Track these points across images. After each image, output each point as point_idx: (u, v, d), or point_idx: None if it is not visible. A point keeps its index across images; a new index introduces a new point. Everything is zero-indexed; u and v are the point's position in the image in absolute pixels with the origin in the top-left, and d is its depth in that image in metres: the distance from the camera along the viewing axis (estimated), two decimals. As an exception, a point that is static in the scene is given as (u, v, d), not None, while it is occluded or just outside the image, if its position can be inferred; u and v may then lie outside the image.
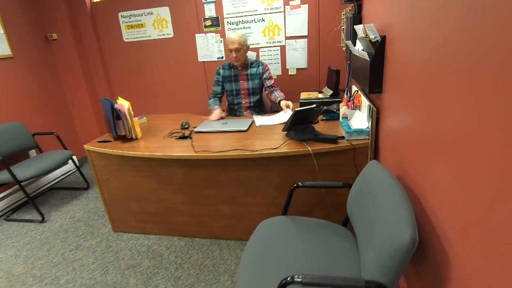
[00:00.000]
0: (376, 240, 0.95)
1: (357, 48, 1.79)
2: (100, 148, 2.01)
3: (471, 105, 0.70)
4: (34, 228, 2.57)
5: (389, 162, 1.43)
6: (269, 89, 2.57)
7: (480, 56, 0.66)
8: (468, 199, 0.71)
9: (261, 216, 1.97)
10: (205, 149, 1.79)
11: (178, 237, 2.24)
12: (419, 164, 1.05)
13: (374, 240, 0.97)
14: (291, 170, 1.77)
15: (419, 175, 1.06)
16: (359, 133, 1.65)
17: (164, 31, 3.18)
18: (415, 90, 1.08)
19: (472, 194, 0.69)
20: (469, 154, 0.70)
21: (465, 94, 0.73)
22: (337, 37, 2.80)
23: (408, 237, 0.82)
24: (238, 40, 2.35)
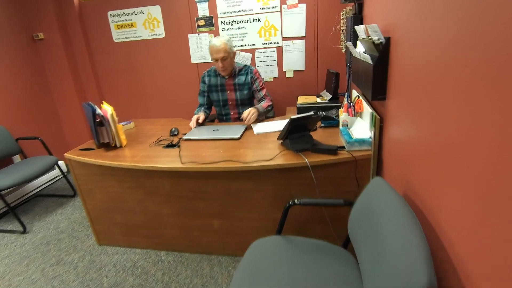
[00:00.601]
0: (384, 278, 0.81)
1: (358, 51, 1.65)
2: (80, 157, 1.86)
3: (490, 115, 0.56)
4: (15, 239, 2.42)
5: (395, 177, 1.29)
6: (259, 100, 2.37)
7: (503, 59, 0.52)
8: (495, 229, 0.57)
9: (254, 231, 1.83)
10: (193, 159, 1.64)
11: (166, 252, 2.09)
12: (430, 182, 0.91)
13: (381, 277, 0.83)
14: (286, 183, 1.63)
15: (431, 196, 0.92)
16: (361, 143, 1.51)
17: (156, 31, 3.03)
18: (424, 97, 0.94)
19: (501, 222, 0.55)
20: (492, 172, 0.56)
21: (484, 102, 0.59)
22: (336, 38, 2.66)
23: (423, 281, 0.68)
24: (223, 48, 2.10)
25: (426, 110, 0.93)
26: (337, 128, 1.87)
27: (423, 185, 0.98)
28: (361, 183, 1.56)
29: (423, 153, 0.96)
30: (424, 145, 0.96)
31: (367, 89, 1.51)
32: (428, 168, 0.93)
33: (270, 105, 2.31)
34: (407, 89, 1.11)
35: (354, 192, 1.59)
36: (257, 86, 2.32)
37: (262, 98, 2.33)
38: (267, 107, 2.27)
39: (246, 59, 2.95)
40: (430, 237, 0.90)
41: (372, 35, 1.43)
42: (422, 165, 0.97)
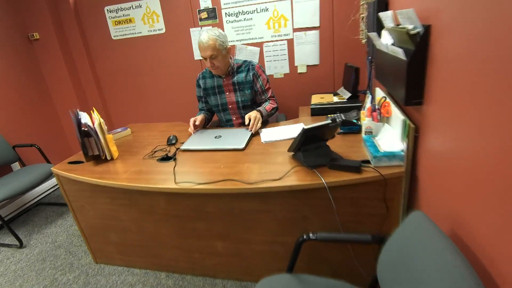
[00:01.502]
0: None
1: (385, 43, 1.35)
2: (66, 172, 1.66)
3: None
4: (11, 255, 2.28)
5: (437, 205, 1.01)
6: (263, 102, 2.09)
7: None
8: None
9: (263, 255, 1.59)
10: (189, 177, 1.40)
11: (167, 274, 1.89)
12: (494, 221, 0.64)
13: None
14: (299, 204, 1.37)
15: (495, 242, 0.64)
16: (390, 158, 1.23)
17: (155, 26, 2.80)
18: (487, 103, 0.66)
19: None
20: None
21: None
22: (355, 27, 2.34)
23: None
24: (212, 45, 1.81)
25: (489, 120, 0.65)
26: (360, 136, 1.59)
27: (482, 224, 0.71)
28: (391, 206, 1.28)
29: (485, 178, 0.68)
30: (485, 167, 0.68)
31: (397, 90, 1.22)
32: (492, 200, 0.65)
33: (275, 108, 2.04)
34: (455, 92, 0.83)
35: (382, 216, 1.32)
36: (261, 86, 2.03)
37: (266, 100, 2.06)
38: (270, 110, 1.99)
39: (254, 54, 2.68)
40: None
41: (405, 23, 1.13)
42: (482, 195, 0.70)
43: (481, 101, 0.69)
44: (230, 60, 2.00)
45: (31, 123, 2.97)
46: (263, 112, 1.91)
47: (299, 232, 1.45)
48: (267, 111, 1.95)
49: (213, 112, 2.23)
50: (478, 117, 0.71)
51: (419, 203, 1.20)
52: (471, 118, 0.75)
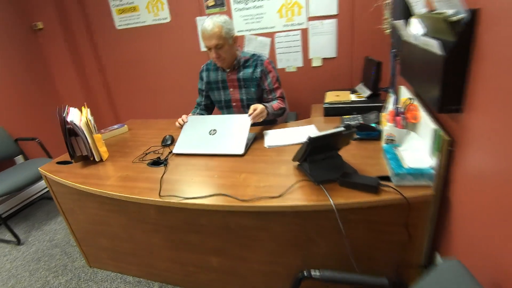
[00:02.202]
0: None
1: (413, 32, 1.11)
2: (52, 174, 1.53)
3: None
4: (8, 252, 2.22)
5: (477, 246, 0.78)
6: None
7: None
8: None
9: (262, 275, 1.41)
10: (178, 185, 1.23)
11: (160, 284, 1.75)
12: None
13: None
14: (304, 224, 1.17)
15: None
16: (416, 176, 0.99)
17: (160, 15, 2.61)
18: None
19: None
20: None
21: None
22: (378, 15, 2.06)
23: None
24: (217, 33, 1.61)
25: None
26: (379, 143, 1.35)
27: None
28: (414, 233, 1.06)
29: None
30: None
31: (429, 92, 0.98)
32: None
33: (283, 108, 1.80)
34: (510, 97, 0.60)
35: (402, 244, 1.10)
36: (269, 84, 1.81)
37: (273, 99, 1.83)
38: (278, 109, 1.77)
39: (264, 45, 2.45)
40: None
41: (442, 8, 0.89)
42: None
43: None
44: (237, 52, 1.79)
45: (34, 115, 2.88)
46: (269, 108, 1.68)
47: (302, 255, 1.26)
48: (274, 109, 1.74)
49: (211, 109, 2.05)
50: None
51: (451, 235, 0.97)
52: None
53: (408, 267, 1.15)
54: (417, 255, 1.11)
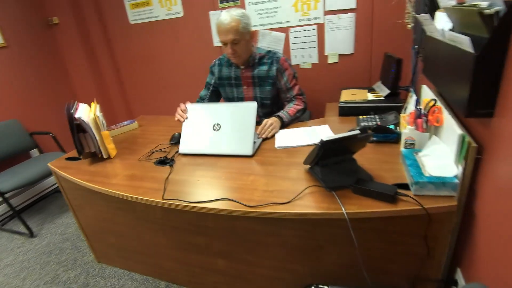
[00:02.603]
0: None
1: (440, 27, 1.01)
2: (60, 170, 1.52)
3: None
4: (21, 244, 2.26)
5: (508, 269, 0.69)
6: (288, 101, 1.79)
7: None
8: None
9: (268, 280, 1.36)
10: (182, 187, 1.19)
11: (166, 284, 1.73)
12: None
13: None
14: (313, 231, 1.10)
15: None
16: (438, 185, 0.91)
17: (173, 9, 2.58)
18: None
19: None
20: None
21: None
22: (400, 9, 1.94)
23: None
24: (234, 27, 1.54)
25: None
26: (397, 146, 1.26)
27: None
28: (433, 247, 0.98)
29: None
30: None
31: (455, 94, 0.90)
32: None
33: (301, 109, 1.72)
34: None
35: (420, 257, 1.01)
36: (285, 83, 1.73)
37: (292, 99, 1.75)
38: (295, 114, 1.69)
39: (278, 41, 2.37)
40: None
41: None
42: None
43: None
44: (252, 49, 1.72)
45: (48, 110, 2.92)
46: (284, 118, 1.62)
47: (312, 262, 1.20)
48: (290, 116, 1.66)
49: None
50: None
51: (475, 251, 0.89)
52: None
53: (426, 282, 1.07)
54: (436, 270, 1.03)
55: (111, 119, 2.71)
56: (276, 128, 1.56)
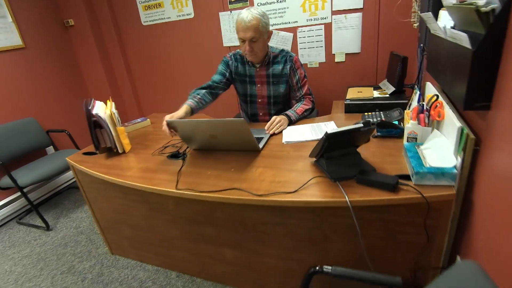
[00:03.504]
0: None
1: (443, 25, 1.05)
2: (78, 164, 1.60)
3: None
4: (38, 237, 2.36)
5: (501, 253, 0.73)
6: (297, 100, 1.83)
7: None
8: None
9: (275, 270, 1.41)
10: (194, 178, 1.25)
11: (177, 274, 1.79)
12: None
13: None
14: (319, 220, 1.16)
15: None
16: (437, 175, 0.95)
17: (184, 11, 2.66)
18: None
19: None
20: None
21: None
22: (406, 9, 1.98)
23: None
24: (255, 25, 1.56)
25: None
26: (400, 141, 1.30)
27: None
28: (433, 235, 1.02)
29: None
30: None
31: (456, 89, 0.94)
32: None
33: (309, 109, 1.77)
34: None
35: (421, 246, 1.06)
36: (297, 81, 1.77)
37: (301, 98, 1.80)
38: (302, 113, 1.73)
39: (286, 40, 2.43)
40: None
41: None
42: None
43: None
44: (268, 48, 1.77)
45: (64, 108, 3.04)
46: (292, 117, 1.67)
47: (317, 251, 1.25)
48: (298, 114, 1.71)
49: (217, 95, 1.87)
50: None
51: (472, 237, 0.93)
52: None
53: (427, 269, 1.11)
54: (436, 257, 1.07)
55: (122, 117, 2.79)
56: (283, 125, 1.61)
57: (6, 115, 2.58)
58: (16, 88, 2.65)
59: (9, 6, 2.54)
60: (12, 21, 2.57)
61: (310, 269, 0.89)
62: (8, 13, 2.54)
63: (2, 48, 2.52)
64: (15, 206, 2.63)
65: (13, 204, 2.62)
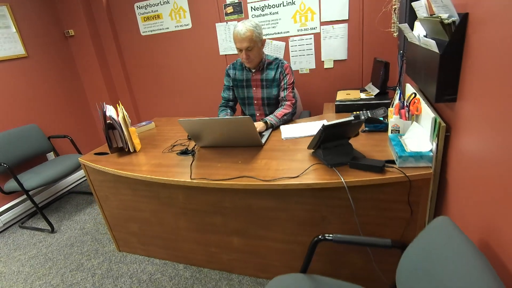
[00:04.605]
0: None
1: (417, 34, 1.25)
2: (92, 163, 1.72)
3: None
4: (43, 239, 2.42)
5: (468, 214, 0.91)
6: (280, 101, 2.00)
7: None
8: None
9: (279, 254, 1.56)
10: (205, 172, 1.40)
11: (184, 265, 1.91)
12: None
13: None
14: (318, 203, 1.32)
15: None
16: (417, 158, 1.14)
17: (182, 22, 2.82)
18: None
19: None
20: None
21: None
22: (386, 19, 2.22)
23: None
24: (249, 36, 1.76)
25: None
26: (386, 134, 1.49)
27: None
28: (416, 210, 1.20)
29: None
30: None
31: (429, 86, 1.13)
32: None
33: (288, 113, 1.91)
34: (498, 89, 0.74)
35: (406, 220, 1.23)
36: (284, 84, 1.95)
37: (283, 98, 1.96)
38: (282, 117, 1.88)
39: (279, 49, 2.63)
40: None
41: (439, 12, 1.04)
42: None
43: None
44: (262, 55, 1.96)
45: (65, 115, 3.13)
46: (271, 121, 1.83)
47: (317, 233, 1.41)
48: (278, 118, 1.87)
49: (235, 104, 2.17)
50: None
51: (447, 208, 1.11)
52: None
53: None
54: (420, 230, 1.24)
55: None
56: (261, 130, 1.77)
57: (9, 121, 2.66)
58: (19, 96, 2.74)
59: (12, 17, 2.64)
60: (15, 31, 2.67)
61: (314, 238, 1.04)
62: (12, 23, 2.64)
63: (6, 57, 2.62)
64: (17, 211, 2.68)
65: (15, 209, 2.67)
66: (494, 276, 0.61)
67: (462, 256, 0.69)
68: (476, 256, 0.66)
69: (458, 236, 0.74)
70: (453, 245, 0.73)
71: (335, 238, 0.99)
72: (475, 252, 0.68)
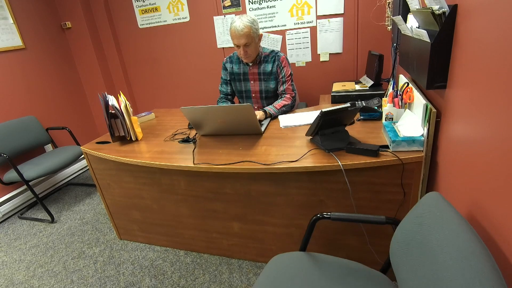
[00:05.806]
0: None
1: (410, 26, 1.32)
2: (94, 151, 1.76)
3: None
4: (43, 229, 2.45)
5: (456, 191, 0.99)
6: (280, 94, 2.04)
7: None
8: None
9: (278, 238, 1.62)
10: (207, 158, 1.45)
11: (185, 252, 1.97)
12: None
13: None
14: (315, 187, 1.38)
15: None
16: (409, 142, 1.21)
17: (180, 15, 2.85)
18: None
19: None
20: None
21: None
22: (380, 14, 2.28)
23: None
24: (246, 32, 1.78)
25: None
26: (380, 122, 1.56)
27: (501, 207, 0.69)
28: (408, 191, 1.27)
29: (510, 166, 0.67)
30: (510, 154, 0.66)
31: (420, 74, 1.20)
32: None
33: (288, 105, 1.96)
34: (481, 75, 0.80)
35: (399, 202, 1.30)
36: (282, 77, 1.99)
37: (282, 92, 2.01)
38: (281, 108, 1.93)
39: (276, 42, 2.68)
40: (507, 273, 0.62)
41: (431, 4, 1.10)
42: (504, 182, 0.68)
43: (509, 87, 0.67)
44: (259, 48, 1.99)
45: (63, 107, 3.14)
46: (270, 111, 1.87)
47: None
48: (277, 109, 1.91)
49: (233, 97, 2.23)
50: (505, 103, 0.69)
51: (438, 188, 1.18)
52: (497, 104, 0.73)
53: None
54: (412, 213, 1.32)
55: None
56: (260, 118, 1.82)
57: (7, 113, 2.67)
58: (17, 87, 2.74)
59: (10, 8, 2.64)
60: (13, 23, 2.67)
61: (313, 217, 1.11)
62: (9, 15, 2.64)
63: (4, 49, 2.62)
64: (16, 202, 2.70)
65: (14, 200, 2.69)
66: (481, 243, 0.67)
67: (452, 226, 0.76)
68: (464, 226, 0.73)
69: (447, 209, 0.81)
70: (443, 217, 0.80)
71: (333, 216, 1.06)
72: (463, 222, 0.75)
